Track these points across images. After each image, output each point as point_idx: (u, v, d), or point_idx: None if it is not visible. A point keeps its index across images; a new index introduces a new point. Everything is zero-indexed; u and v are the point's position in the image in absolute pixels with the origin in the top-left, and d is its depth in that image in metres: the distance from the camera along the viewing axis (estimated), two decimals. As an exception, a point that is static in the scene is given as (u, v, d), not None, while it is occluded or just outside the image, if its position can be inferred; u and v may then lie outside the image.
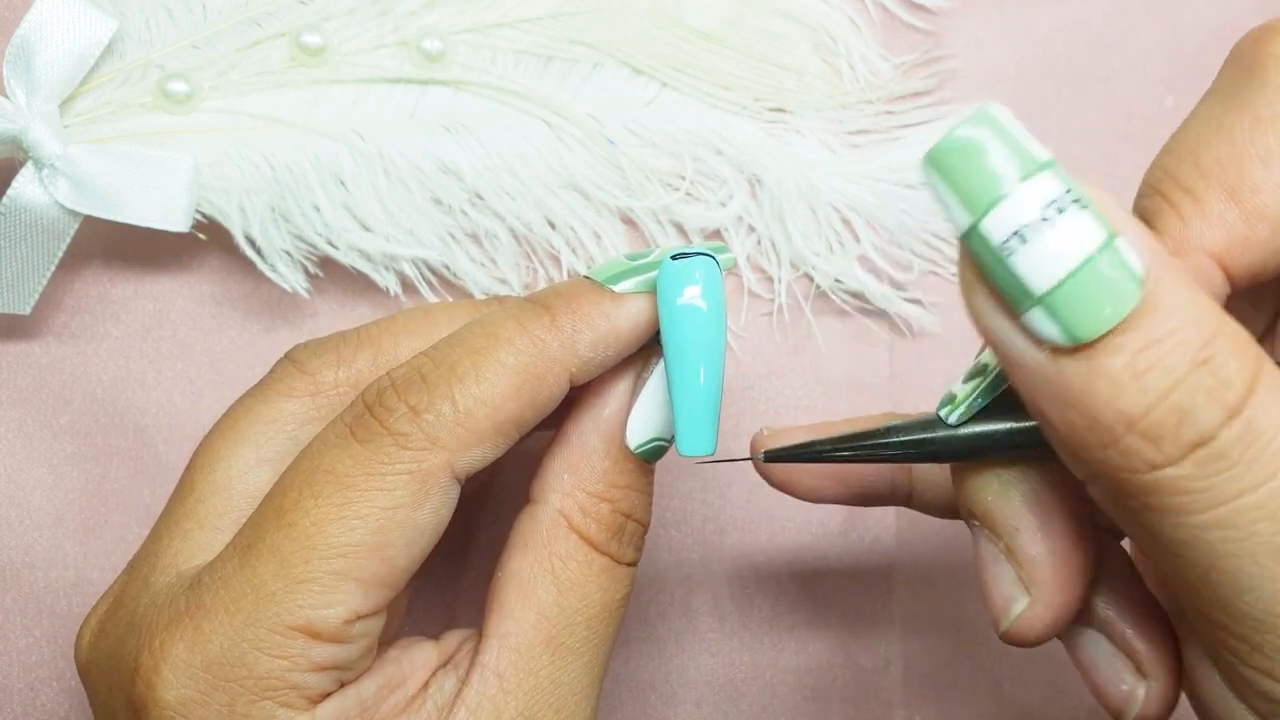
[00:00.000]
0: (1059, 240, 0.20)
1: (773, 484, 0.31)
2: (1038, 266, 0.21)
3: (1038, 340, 0.21)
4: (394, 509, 0.26)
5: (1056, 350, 0.21)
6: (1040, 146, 0.21)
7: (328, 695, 0.27)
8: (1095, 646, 0.27)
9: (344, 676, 0.27)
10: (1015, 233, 0.21)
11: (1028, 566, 0.26)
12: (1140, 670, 0.27)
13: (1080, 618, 0.27)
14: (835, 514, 0.40)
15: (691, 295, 0.28)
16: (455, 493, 0.28)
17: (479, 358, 0.28)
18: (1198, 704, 0.25)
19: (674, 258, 0.28)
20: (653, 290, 0.29)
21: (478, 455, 0.27)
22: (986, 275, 0.21)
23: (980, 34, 0.40)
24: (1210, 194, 0.23)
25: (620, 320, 0.29)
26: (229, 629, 0.26)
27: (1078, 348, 0.21)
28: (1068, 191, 0.21)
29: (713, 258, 0.28)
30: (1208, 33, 0.41)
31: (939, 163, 0.21)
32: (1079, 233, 0.20)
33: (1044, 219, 0.20)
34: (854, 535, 0.40)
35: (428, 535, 0.27)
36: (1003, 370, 0.25)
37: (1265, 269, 0.24)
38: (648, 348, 0.30)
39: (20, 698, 0.38)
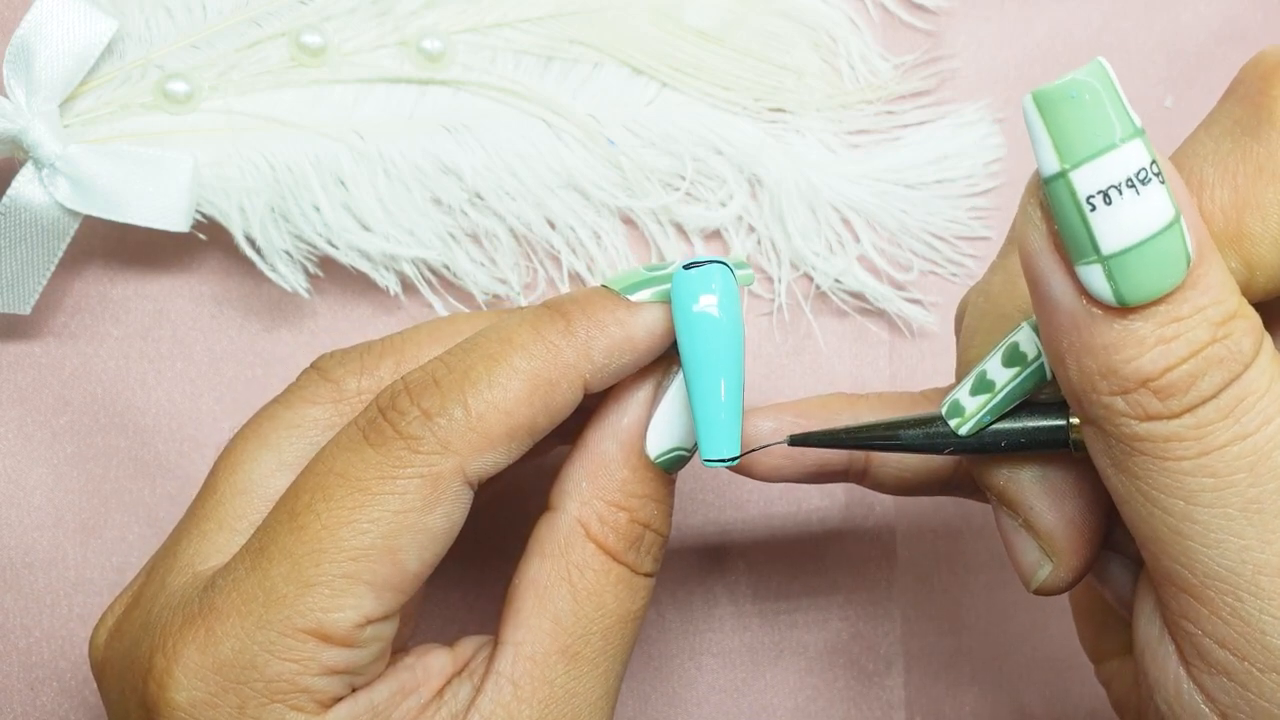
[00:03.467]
0: (1138, 209, 0.22)
1: (735, 469, 0.31)
2: (1113, 228, 0.22)
3: (1082, 290, 0.22)
4: (405, 512, 0.26)
5: (1095, 303, 0.22)
6: (1135, 113, 0.22)
7: (339, 700, 0.27)
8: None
9: (355, 681, 0.27)
10: (1102, 191, 0.22)
11: (1045, 539, 0.28)
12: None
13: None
14: (835, 515, 0.40)
15: (707, 303, 0.27)
16: (468, 498, 0.27)
17: (492, 362, 0.27)
18: (1147, 686, 0.26)
19: (688, 266, 0.28)
20: (669, 300, 0.29)
21: (490, 460, 0.27)
22: (1057, 220, 0.22)
23: (980, 34, 0.40)
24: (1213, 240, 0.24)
25: (635, 328, 0.29)
26: (240, 631, 0.26)
27: (1117, 307, 0.22)
28: (1153, 163, 0.22)
29: (726, 265, 0.28)
30: (1208, 33, 0.41)
31: (1045, 105, 0.22)
32: (1156, 206, 0.22)
33: (1130, 184, 0.22)
34: (854, 537, 0.40)
35: (440, 540, 0.27)
36: (1011, 391, 0.27)
37: (1267, 306, 0.26)
38: (667, 358, 0.30)
39: (20, 698, 0.38)
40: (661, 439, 0.29)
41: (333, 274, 0.38)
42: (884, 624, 0.40)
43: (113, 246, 0.39)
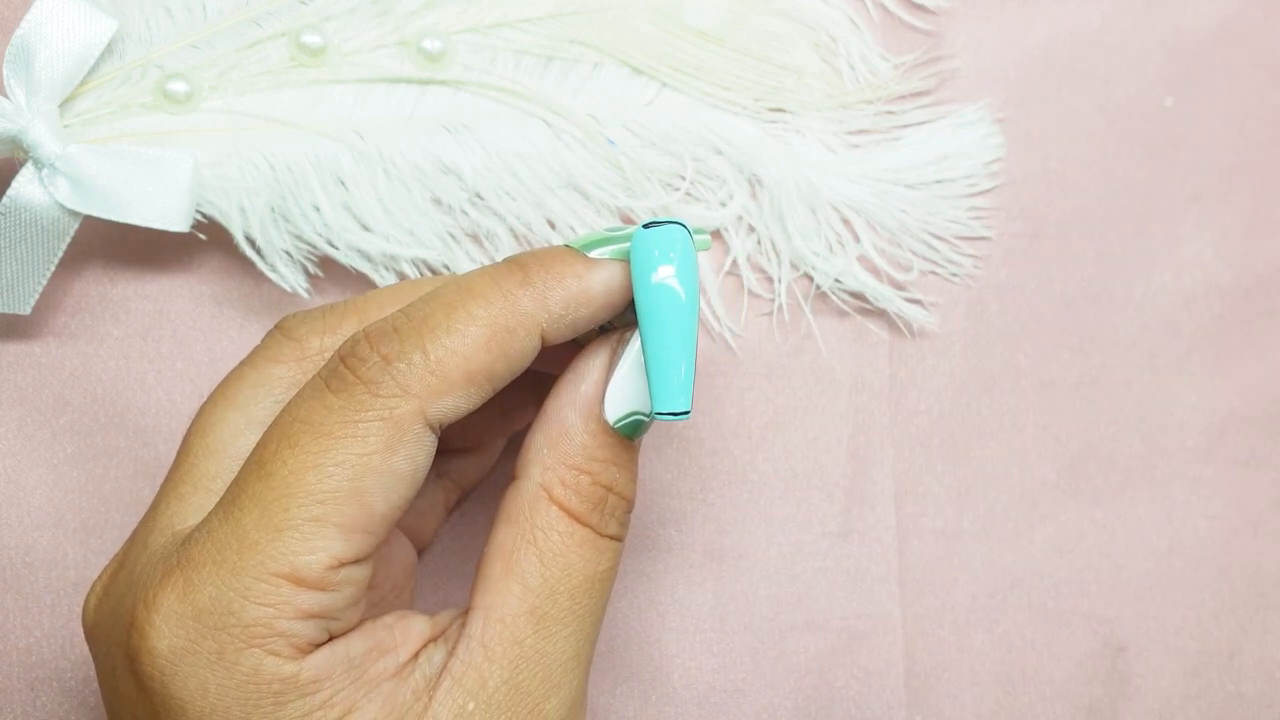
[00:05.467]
0: None
1: None
2: None
3: None
4: (369, 455, 0.27)
5: None
6: None
7: (316, 646, 0.27)
8: None
9: (332, 627, 0.27)
10: None
11: None
12: None
13: None
14: (835, 514, 0.40)
15: (663, 260, 0.28)
16: (430, 441, 0.28)
17: (451, 310, 0.28)
18: None
19: (646, 226, 0.29)
20: (626, 259, 0.29)
21: (449, 404, 0.28)
22: None
23: (980, 34, 0.40)
24: None
25: (592, 282, 0.29)
26: (216, 578, 0.26)
27: None
28: None
29: (684, 226, 0.29)
30: (1208, 33, 0.41)
31: None
32: None
33: None
34: (854, 535, 0.40)
35: (405, 483, 0.28)
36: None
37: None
38: (624, 326, 0.31)
39: (21, 698, 0.38)
40: (619, 404, 0.30)
41: (333, 274, 0.38)
42: (884, 624, 0.40)
43: (113, 246, 0.39)
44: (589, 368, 0.30)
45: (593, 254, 0.30)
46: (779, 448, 0.40)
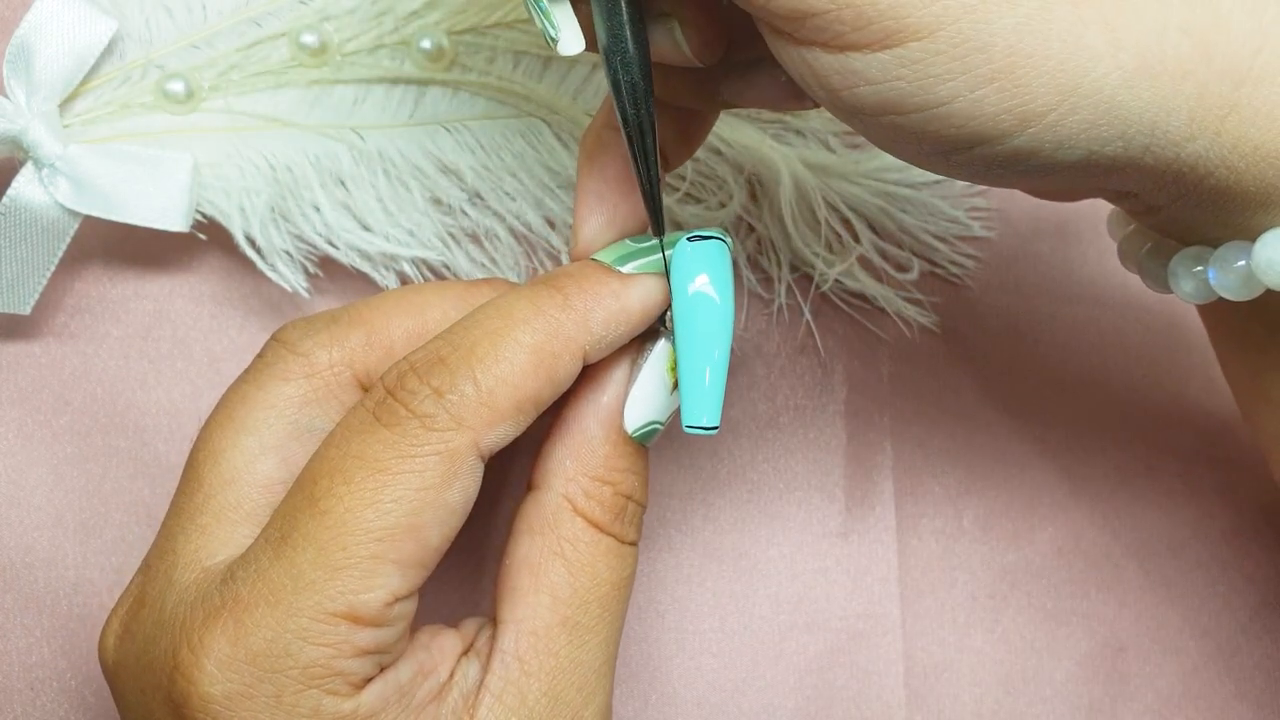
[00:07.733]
0: None
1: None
2: None
3: None
4: (426, 490, 0.27)
5: None
6: None
7: (369, 680, 0.27)
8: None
9: (384, 660, 0.27)
10: None
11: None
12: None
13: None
14: (835, 514, 0.40)
15: (703, 282, 0.29)
16: (480, 471, 0.28)
17: (497, 338, 0.28)
18: None
19: (690, 239, 0.29)
20: (659, 272, 0.30)
21: (501, 433, 0.28)
22: None
23: (980, 34, 0.40)
24: None
25: (630, 300, 0.29)
26: (271, 620, 0.26)
27: None
28: None
29: (724, 241, 0.29)
30: (1207, 33, 0.41)
31: None
32: None
33: None
34: (854, 535, 0.40)
35: (457, 514, 0.28)
36: None
37: None
38: (642, 334, 0.31)
39: (21, 698, 0.38)
40: (639, 414, 0.30)
41: (333, 274, 0.38)
42: (884, 624, 0.40)
43: (113, 246, 0.39)
44: (610, 378, 0.30)
45: (624, 269, 0.30)
46: (779, 448, 0.40)
